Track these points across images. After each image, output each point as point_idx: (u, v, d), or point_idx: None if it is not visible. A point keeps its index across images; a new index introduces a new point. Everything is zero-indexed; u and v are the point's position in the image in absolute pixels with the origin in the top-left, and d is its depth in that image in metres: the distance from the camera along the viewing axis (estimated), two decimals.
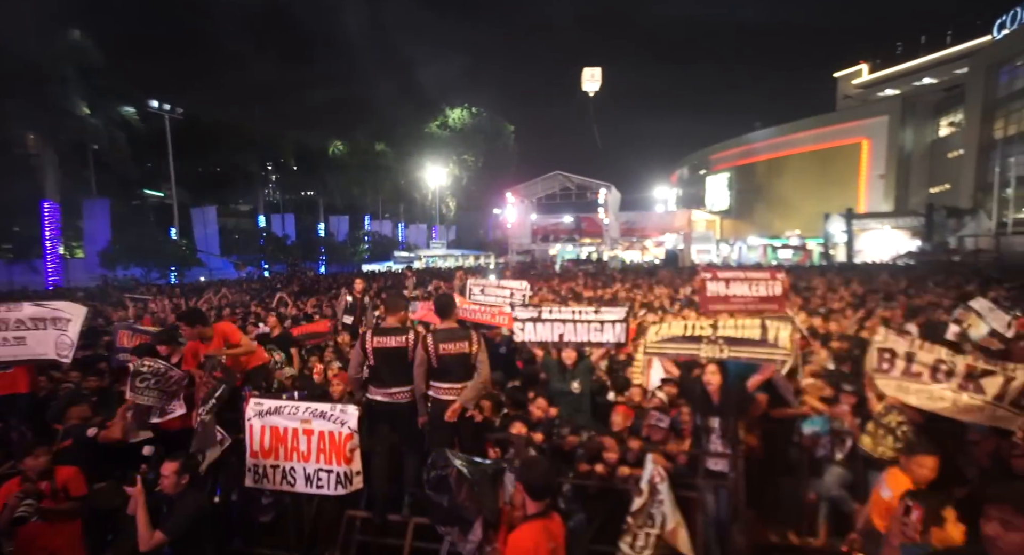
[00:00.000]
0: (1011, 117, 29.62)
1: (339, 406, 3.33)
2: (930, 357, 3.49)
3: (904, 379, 3.53)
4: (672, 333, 3.78)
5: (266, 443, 3.42)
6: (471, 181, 47.55)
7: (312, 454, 3.33)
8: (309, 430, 3.33)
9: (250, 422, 3.45)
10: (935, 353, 3.49)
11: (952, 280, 12.73)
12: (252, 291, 16.46)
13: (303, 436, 3.34)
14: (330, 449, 3.30)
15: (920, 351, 3.54)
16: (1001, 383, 3.25)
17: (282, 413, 3.41)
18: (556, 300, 11.68)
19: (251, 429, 3.45)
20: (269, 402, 3.50)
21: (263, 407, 3.46)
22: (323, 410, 3.34)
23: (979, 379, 3.31)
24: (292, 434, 3.36)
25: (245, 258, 33.76)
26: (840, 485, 3.95)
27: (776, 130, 45.82)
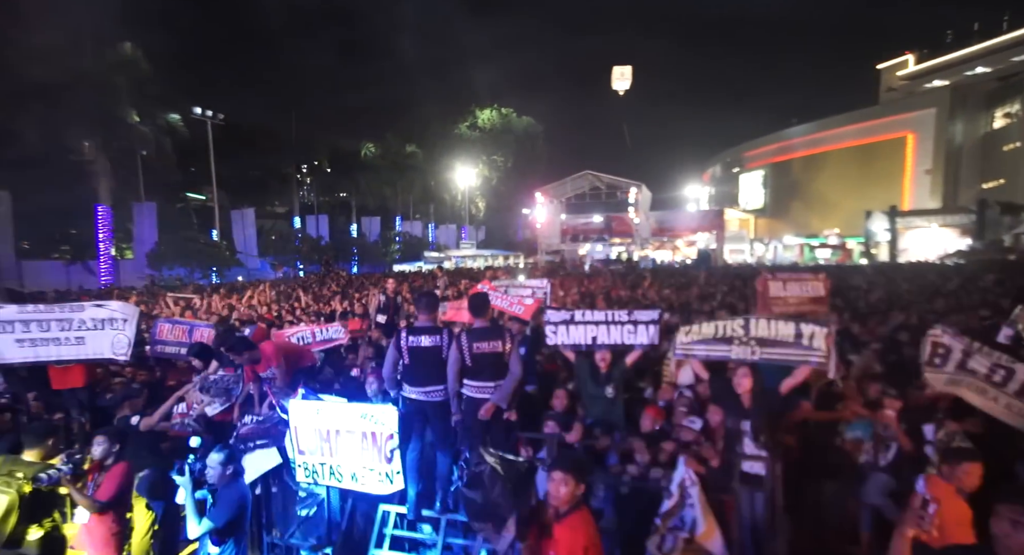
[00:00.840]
0: None
1: (379, 406, 3.43)
2: (988, 360, 3.43)
3: (957, 373, 3.50)
4: (703, 334, 3.71)
5: (312, 442, 3.54)
6: (500, 181, 47.72)
7: (356, 453, 3.43)
8: (352, 431, 3.43)
9: (295, 424, 3.58)
10: (993, 357, 3.44)
11: (1010, 280, 12.04)
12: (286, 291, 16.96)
13: (347, 435, 3.45)
14: (372, 449, 3.38)
15: (978, 354, 3.49)
16: None
17: (324, 414, 3.53)
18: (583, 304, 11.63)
19: (296, 431, 3.58)
20: (311, 404, 3.63)
21: (307, 409, 3.59)
22: (364, 411, 3.44)
23: None
24: (335, 434, 3.47)
25: (281, 259, 34.86)
26: (883, 492, 3.82)
27: (815, 125, 44.33)
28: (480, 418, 3.87)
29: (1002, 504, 1.96)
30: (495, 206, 49.49)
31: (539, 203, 35.14)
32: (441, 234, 48.17)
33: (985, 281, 12.25)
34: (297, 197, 44.00)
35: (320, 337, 7.13)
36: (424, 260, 36.11)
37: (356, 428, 3.39)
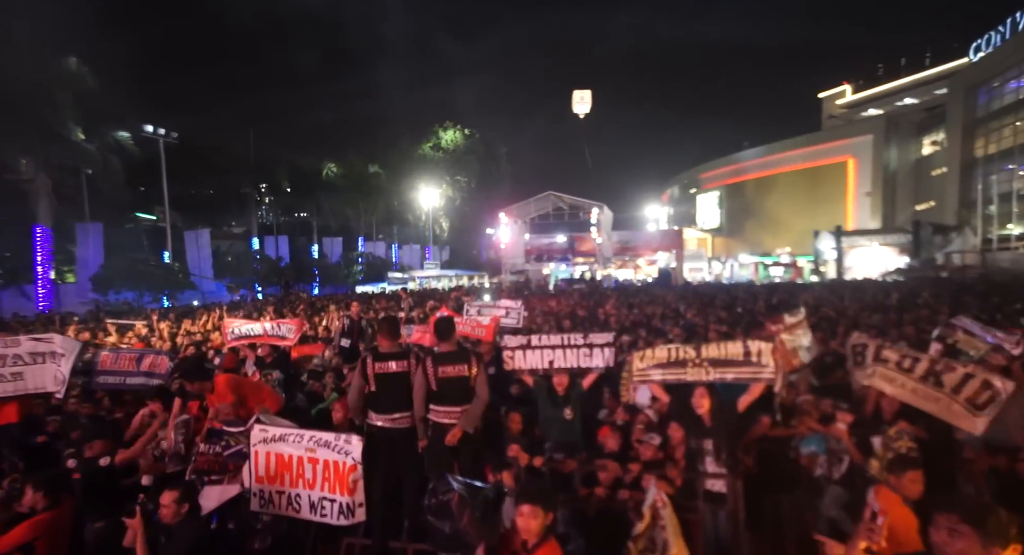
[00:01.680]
0: (991, 136, 30.41)
1: (343, 436, 3.33)
2: (897, 353, 3.78)
3: (873, 364, 3.81)
4: (657, 358, 3.81)
5: (271, 469, 3.41)
6: (464, 202, 47.91)
7: (317, 482, 3.31)
8: (314, 458, 3.32)
9: (255, 448, 3.44)
10: (902, 351, 3.80)
11: (943, 296, 12.90)
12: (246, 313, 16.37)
13: (308, 464, 3.33)
14: (334, 478, 3.28)
15: (888, 349, 3.85)
16: (960, 377, 3.45)
17: (287, 441, 3.40)
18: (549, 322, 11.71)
19: (256, 455, 3.44)
20: (274, 429, 3.50)
21: (268, 434, 3.46)
22: (327, 439, 3.34)
23: (940, 374, 3.52)
24: (297, 461, 3.35)
25: (238, 281, 33.68)
26: (838, 505, 3.96)
27: (765, 149, 46.69)
28: (447, 444, 3.83)
29: (939, 513, 1.99)
30: (459, 226, 49.56)
31: (503, 223, 35.41)
32: (405, 255, 47.73)
33: (921, 297, 13.07)
34: (256, 217, 42.82)
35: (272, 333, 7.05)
36: (388, 281, 35.62)
37: (320, 456, 3.29)
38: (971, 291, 13.86)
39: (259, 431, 3.47)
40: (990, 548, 1.88)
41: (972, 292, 13.53)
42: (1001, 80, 29.77)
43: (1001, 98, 29.85)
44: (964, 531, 1.89)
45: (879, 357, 3.83)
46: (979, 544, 1.88)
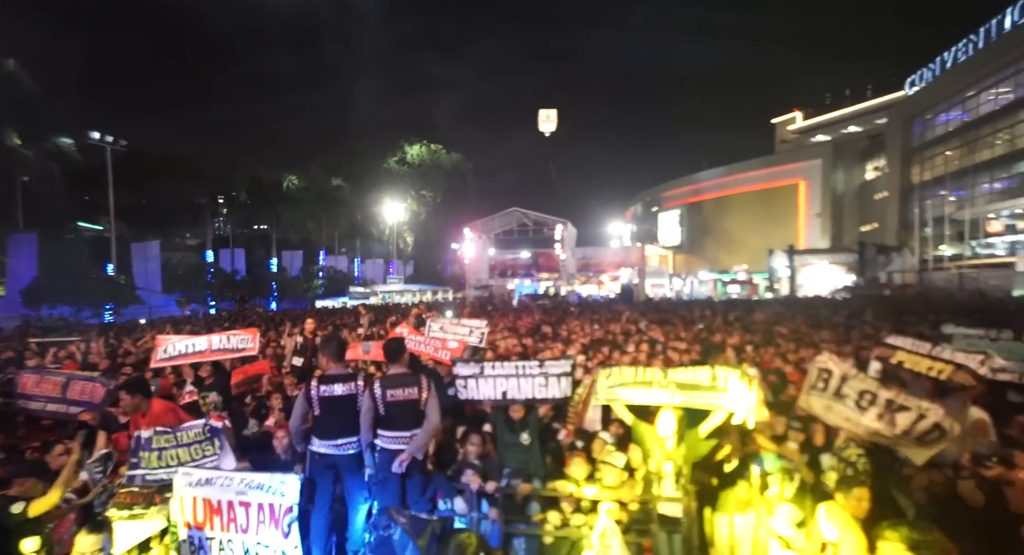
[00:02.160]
0: (926, 164, 32.57)
1: (278, 476, 3.06)
2: (860, 385, 3.72)
3: (833, 400, 3.75)
4: (623, 379, 3.76)
5: (199, 515, 3.10)
6: (429, 216, 47.62)
7: (251, 526, 3.02)
8: (246, 502, 3.03)
9: (180, 494, 3.14)
10: (865, 383, 3.73)
11: (886, 314, 13.52)
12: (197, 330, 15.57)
13: (240, 508, 3.03)
14: (268, 522, 2.99)
15: (853, 378, 3.77)
16: (912, 420, 3.45)
17: (215, 485, 3.10)
18: (514, 337, 11.61)
19: (181, 501, 3.13)
20: (199, 473, 3.20)
21: (193, 478, 3.16)
22: (260, 481, 3.05)
23: (895, 413, 3.52)
24: (228, 506, 3.06)
25: (190, 295, 32.21)
26: (790, 523, 3.97)
27: (722, 170, 48.54)
28: (395, 471, 3.65)
29: (883, 541, 2.08)
30: (423, 241, 49.15)
31: (467, 238, 35.32)
32: (368, 269, 46.88)
33: (866, 315, 13.68)
34: (211, 229, 41.25)
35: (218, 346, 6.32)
36: (349, 295, 34.82)
37: (252, 499, 3.02)
38: (910, 309, 14.60)
39: (183, 475, 3.18)
40: None
41: (911, 310, 14.24)
42: (933, 113, 32.05)
43: (933, 129, 32.11)
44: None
45: (839, 392, 3.75)
46: None
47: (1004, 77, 26.73)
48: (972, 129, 28.80)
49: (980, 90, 28.32)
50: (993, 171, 27.07)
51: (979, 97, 28.48)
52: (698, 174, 50.94)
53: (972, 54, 27.96)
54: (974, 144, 28.50)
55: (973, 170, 28.01)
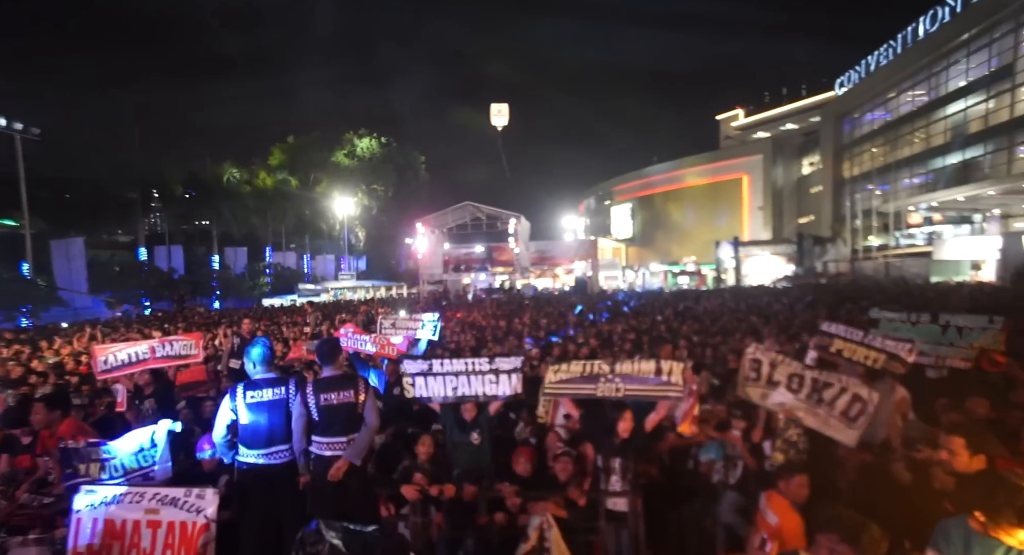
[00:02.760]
0: (855, 160, 34.70)
1: (195, 490, 2.76)
2: (788, 370, 3.95)
3: (767, 388, 3.96)
4: (571, 373, 3.70)
5: (96, 541, 2.71)
6: (381, 211, 46.47)
7: (156, 550, 2.68)
8: (155, 521, 2.68)
9: (78, 515, 2.74)
10: (792, 367, 3.97)
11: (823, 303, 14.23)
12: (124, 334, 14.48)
13: (147, 530, 2.68)
14: (179, 545, 2.67)
15: (781, 364, 4.00)
16: (835, 393, 3.70)
17: (122, 502, 2.74)
18: (470, 332, 11.47)
19: (79, 523, 2.73)
20: (105, 489, 2.85)
21: (97, 496, 2.79)
22: (174, 496, 2.73)
23: (821, 390, 3.75)
24: (133, 528, 2.71)
25: (122, 295, 30.10)
26: (734, 510, 4.04)
27: (671, 164, 49.94)
28: (330, 478, 3.43)
29: (819, 533, 2.09)
30: (376, 236, 47.96)
31: (420, 233, 34.75)
32: (318, 265, 45.32)
33: (804, 302, 14.38)
34: (143, 225, 38.64)
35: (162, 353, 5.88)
36: (299, 293, 33.52)
37: (163, 517, 2.71)
38: (844, 296, 15.46)
39: (85, 493, 2.81)
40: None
41: (845, 297, 15.08)
42: (860, 112, 34.15)
43: (861, 128, 34.25)
44: (842, 550, 2.00)
45: (771, 379, 3.94)
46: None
47: (919, 81, 28.81)
48: (893, 128, 30.89)
49: (899, 92, 30.40)
50: (912, 167, 29.15)
51: (899, 98, 30.57)
52: (648, 168, 52.21)
53: (892, 58, 29.92)
54: (896, 142, 30.58)
55: (895, 166, 30.07)
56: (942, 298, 13.38)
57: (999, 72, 23.33)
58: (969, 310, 7.99)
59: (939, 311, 5.93)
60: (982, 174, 24.37)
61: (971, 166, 25.19)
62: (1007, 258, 19.99)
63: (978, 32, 24.16)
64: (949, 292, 15.63)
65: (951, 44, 25.71)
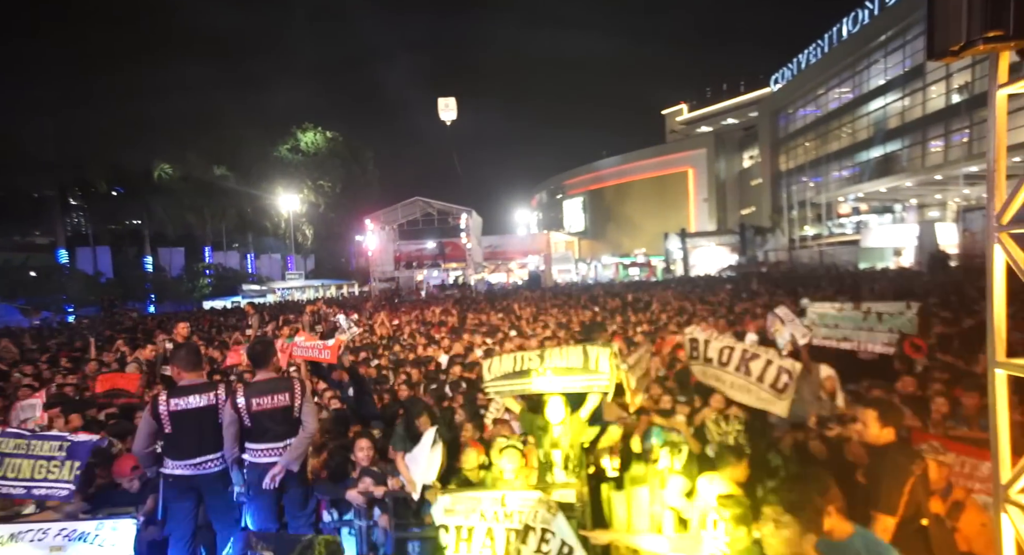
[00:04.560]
0: (790, 154, 36.58)
1: (108, 523, 2.53)
2: (719, 345, 4.23)
3: (704, 365, 4.23)
4: (504, 369, 3.64)
5: None
6: (329, 208, 44.94)
7: None
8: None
9: None
10: (723, 342, 4.26)
11: (761, 288, 14.95)
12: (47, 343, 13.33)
13: None
14: None
15: (714, 340, 4.27)
16: (762, 366, 3.97)
17: (23, 540, 2.50)
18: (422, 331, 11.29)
19: None
20: (4, 527, 2.57)
21: None
22: (83, 530, 2.50)
23: (749, 362, 4.02)
24: None
25: (40, 301, 27.75)
26: (680, 494, 4.14)
27: (620, 158, 50.99)
28: (266, 487, 3.25)
29: (765, 506, 2.17)
30: (324, 234, 46.40)
31: (370, 230, 33.92)
32: (263, 265, 43.40)
33: (749, 288, 15.05)
34: (63, 226, 35.70)
35: None
36: (243, 295, 32.01)
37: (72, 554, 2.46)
38: (780, 284, 16.29)
39: None
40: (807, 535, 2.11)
41: (780, 285, 15.89)
42: (794, 108, 36.01)
43: (795, 123, 36.12)
44: (786, 521, 2.10)
45: (706, 355, 4.17)
46: (799, 532, 2.10)
47: (844, 79, 30.69)
48: (823, 123, 32.79)
49: (828, 89, 32.26)
50: (841, 160, 31.05)
51: (827, 95, 32.45)
52: (598, 162, 53.11)
53: (820, 57, 31.69)
54: (825, 137, 32.47)
55: (826, 159, 31.93)
56: (870, 284, 14.32)
57: (912, 72, 25.15)
58: (894, 294, 8.58)
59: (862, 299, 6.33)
60: (900, 167, 26.27)
61: (891, 159, 27.09)
62: (923, 245, 21.65)
63: (893, 34, 25.93)
64: (875, 277, 16.78)
65: (871, 45, 27.48)
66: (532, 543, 2.85)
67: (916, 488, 2.45)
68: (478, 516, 2.92)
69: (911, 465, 2.47)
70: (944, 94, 23.53)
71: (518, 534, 2.88)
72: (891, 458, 2.53)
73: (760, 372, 3.94)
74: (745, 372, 3.97)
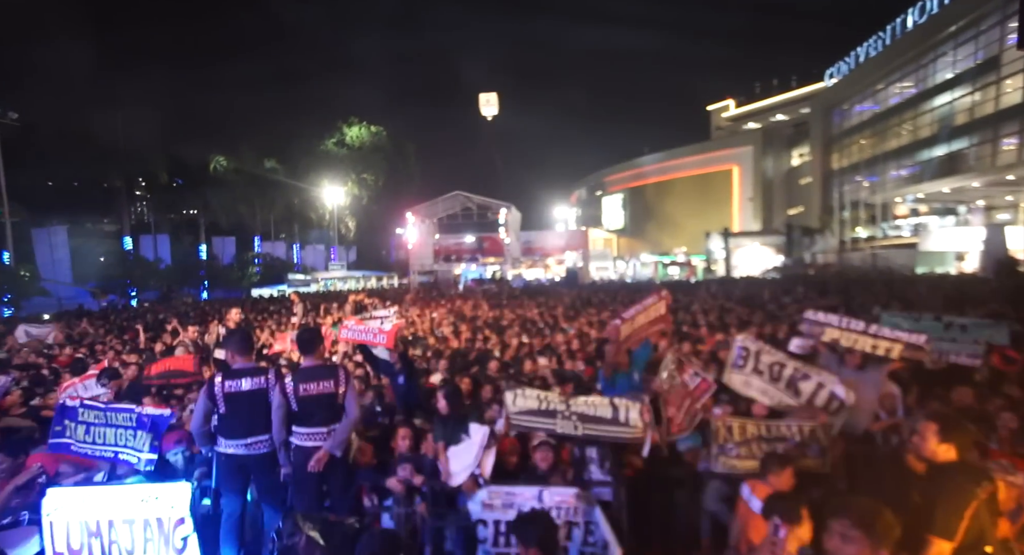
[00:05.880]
0: (843, 151, 34.84)
1: (165, 486, 2.76)
2: (771, 358, 4.03)
3: (751, 375, 4.04)
4: (528, 405, 3.52)
5: (75, 542, 2.73)
6: (371, 200, 45.94)
7: (136, 547, 2.70)
8: (129, 519, 2.71)
9: (49, 518, 2.75)
10: (775, 356, 4.04)
11: (810, 292, 14.34)
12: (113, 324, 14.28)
13: (123, 526, 2.70)
14: (158, 538, 2.69)
15: (766, 353, 4.08)
16: (813, 388, 3.80)
17: (92, 503, 2.76)
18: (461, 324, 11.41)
19: (53, 527, 2.75)
20: (75, 491, 2.85)
21: (68, 498, 2.78)
22: (144, 493, 2.74)
23: (799, 381, 3.85)
24: (108, 527, 2.71)
25: (107, 285, 29.66)
26: (719, 498, 4.05)
27: (662, 155, 49.87)
28: (310, 469, 3.39)
29: (832, 519, 2.03)
30: (366, 226, 47.48)
31: (411, 223, 34.48)
32: (308, 255, 44.88)
33: (795, 293, 14.46)
34: (128, 214, 37.94)
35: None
36: (288, 283, 33.24)
37: (136, 515, 2.69)
38: (831, 288, 15.58)
39: (54, 496, 2.80)
40: (878, 550, 1.94)
41: (832, 289, 15.20)
42: (849, 104, 34.23)
43: (850, 119, 34.35)
44: (855, 536, 1.94)
45: (756, 368, 3.99)
46: (869, 547, 1.93)
47: (907, 73, 28.90)
48: (882, 120, 31.02)
49: (887, 84, 30.48)
50: (900, 159, 29.34)
51: (887, 90, 30.67)
52: (639, 159, 52.12)
53: (881, 50, 29.96)
54: (883, 134, 30.74)
55: (883, 158, 30.24)
56: (933, 292, 13.36)
57: (985, 64, 23.45)
58: (954, 300, 8.05)
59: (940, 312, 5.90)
60: (967, 166, 24.59)
61: (956, 158, 25.40)
62: (990, 249, 20.23)
63: (965, 24, 24.23)
64: (934, 283, 15.78)
65: (939, 36, 25.78)
66: (578, 538, 2.85)
67: (980, 512, 2.27)
68: (515, 512, 2.94)
69: (976, 487, 2.26)
70: (1021, 88, 21.83)
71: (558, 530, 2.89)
72: (952, 478, 2.36)
73: (810, 395, 3.77)
74: (795, 393, 3.79)
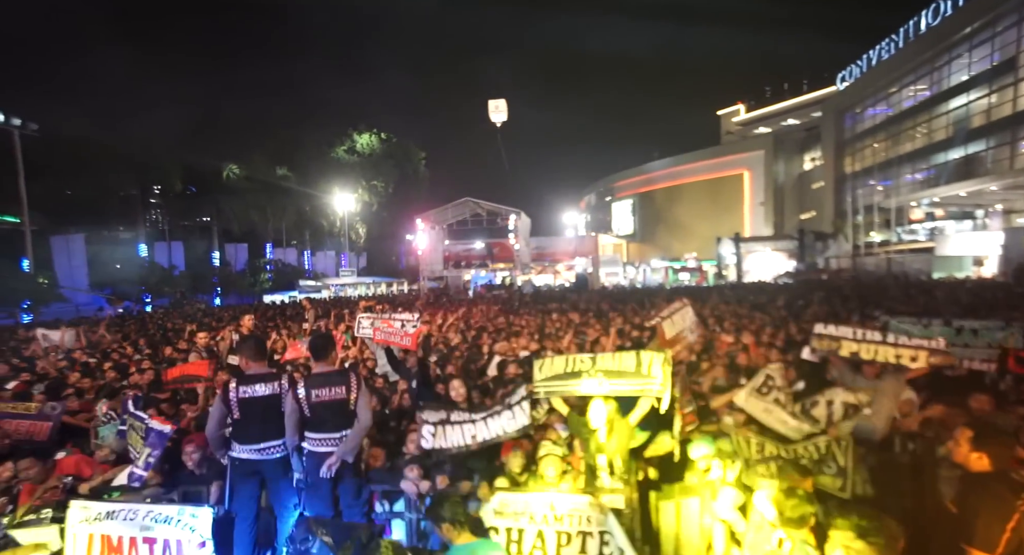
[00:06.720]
0: (856, 155, 34.47)
1: (188, 509, 2.80)
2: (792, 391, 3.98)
3: (772, 405, 3.93)
4: (555, 370, 3.62)
5: None
6: (382, 207, 46.35)
7: None
8: (151, 538, 2.75)
9: (73, 531, 2.82)
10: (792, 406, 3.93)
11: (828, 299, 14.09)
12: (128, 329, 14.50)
13: (143, 545, 2.75)
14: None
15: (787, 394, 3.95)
16: (826, 409, 3.72)
17: (116, 518, 2.80)
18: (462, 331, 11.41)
19: (75, 539, 2.81)
20: (99, 506, 2.89)
21: (91, 512, 2.84)
22: (168, 514, 2.78)
23: (810, 410, 3.77)
24: (130, 544, 2.76)
25: (122, 291, 30.17)
26: (732, 506, 4.00)
27: (672, 160, 49.73)
28: (323, 475, 3.41)
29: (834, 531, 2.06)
30: (376, 232, 47.88)
31: (420, 229, 34.67)
32: (319, 261, 45.35)
33: (815, 299, 14.23)
34: (143, 221, 38.63)
35: None
36: (299, 289, 33.55)
37: (158, 535, 2.73)
38: (846, 295, 15.35)
39: (79, 509, 2.85)
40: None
41: (847, 296, 14.96)
42: (862, 107, 33.90)
43: (862, 122, 34.00)
44: (858, 548, 1.97)
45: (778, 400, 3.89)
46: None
47: (921, 75, 28.57)
48: (895, 123, 30.67)
49: (901, 87, 30.15)
50: (914, 162, 28.97)
51: (900, 93, 30.33)
52: (649, 164, 52.02)
53: (894, 53, 29.68)
54: (897, 137, 30.38)
55: (897, 161, 29.87)
56: (950, 296, 13.18)
57: (1002, 66, 23.14)
58: (974, 306, 7.90)
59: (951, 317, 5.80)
60: (984, 169, 24.21)
61: (973, 161, 25.03)
62: (1009, 253, 19.88)
63: (980, 26, 23.95)
64: (953, 288, 15.50)
65: (953, 38, 25.50)
66: (593, 549, 2.84)
67: (1021, 524, 2.20)
68: (527, 519, 2.93)
69: (1016, 499, 2.22)
70: None
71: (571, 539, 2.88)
72: (992, 489, 2.30)
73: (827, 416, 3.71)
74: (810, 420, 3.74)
